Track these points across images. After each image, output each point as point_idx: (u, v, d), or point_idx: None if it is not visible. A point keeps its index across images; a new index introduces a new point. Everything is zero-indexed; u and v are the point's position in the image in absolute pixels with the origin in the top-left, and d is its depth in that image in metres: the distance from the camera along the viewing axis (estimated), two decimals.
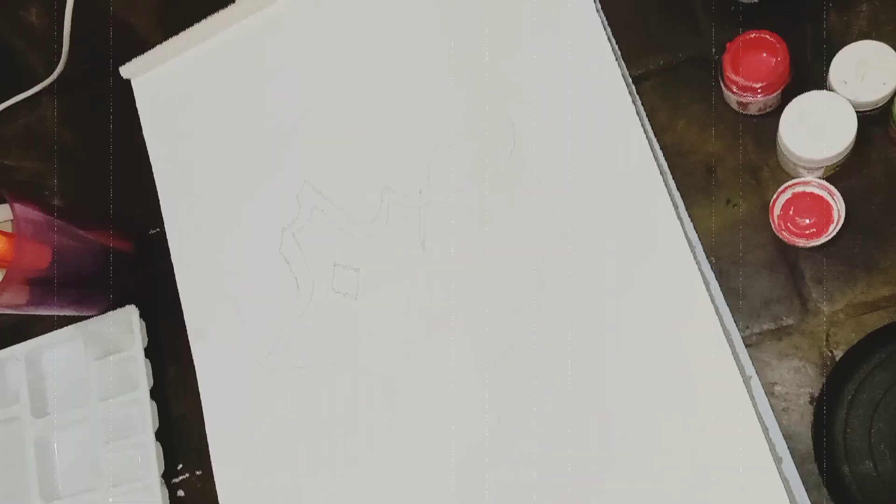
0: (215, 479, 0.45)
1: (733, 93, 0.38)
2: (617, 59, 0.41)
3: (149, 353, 0.48)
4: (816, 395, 0.36)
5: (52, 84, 0.54)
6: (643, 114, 0.41)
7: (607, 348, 0.39)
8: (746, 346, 0.38)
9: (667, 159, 0.40)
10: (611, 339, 0.39)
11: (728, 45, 0.37)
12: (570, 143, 0.42)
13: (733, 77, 0.37)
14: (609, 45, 0.41)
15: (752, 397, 0.36)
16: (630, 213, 0.39)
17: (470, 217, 0.43)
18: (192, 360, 0.47)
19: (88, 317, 0.49)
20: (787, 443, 0.36)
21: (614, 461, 0.38)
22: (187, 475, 0.47)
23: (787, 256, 0.38)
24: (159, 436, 0.46)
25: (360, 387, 0.44)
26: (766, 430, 0.36)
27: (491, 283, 0.42)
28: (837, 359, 0.36)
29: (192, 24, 0.51)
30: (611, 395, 0.39)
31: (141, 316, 0.48)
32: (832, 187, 0.36)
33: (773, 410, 0.37)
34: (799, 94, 0.35)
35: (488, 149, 0.43)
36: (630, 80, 0.41)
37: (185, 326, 0.47)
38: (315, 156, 0.47)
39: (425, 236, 0.43)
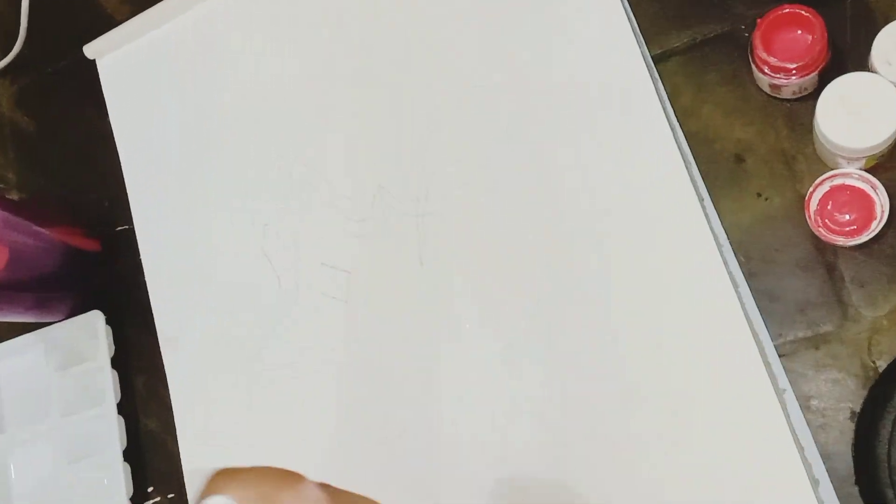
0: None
1: (765, 74, 0.36)
2: (636, 37, 0.39)
3: (116, 362, 0.46)
4: (857, 410, 0.34)
5: (8, 66, 0.53)
6: (665, 97, 0.39)
7: (626, 361, 0.37)
8: (780, 355, 0.36)
9: (691, 147, 0.39)
10: (630, 350, 0.37)
11: (759, 20, 0.35)
12: (583, 130, 0.40)
13: (765, 56, 0.35)
14: (627, 20, 0.39)
15: (786, 413, 0.35)
16: (651, 208, 0.38)
17: (474, 228, 0.41)
18: (163, 371, 0.46)
19: (49, 323, 0.48)
20: (824, 463, 0.34)
21: (636, 479, 0.36)
22: (158, 499, 0.45)
23: (825, 256, 0.36)
24: (127, 455, 0.45)
25: (350, 395, 0.42)
26: (801, 449, 0.35)
27: (496, 293, 0.40)
28: (881, 370, 0.35)
29: None
30: (631, 413, 0.37)
31: (107, 322, 0.46)
32: (875, 179, 0.34)
33: (809, 427, 0.35)
34: (838, 75, 0.34)
35: (494, 147, 0.41)
36: (651, 60, 0.40)
37: (155, 333, 0.46)
38: (301, 144, 0.45)
39: (423, 251, 0.41)
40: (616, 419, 0.37)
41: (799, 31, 0.35)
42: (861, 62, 0.36)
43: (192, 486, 0.43)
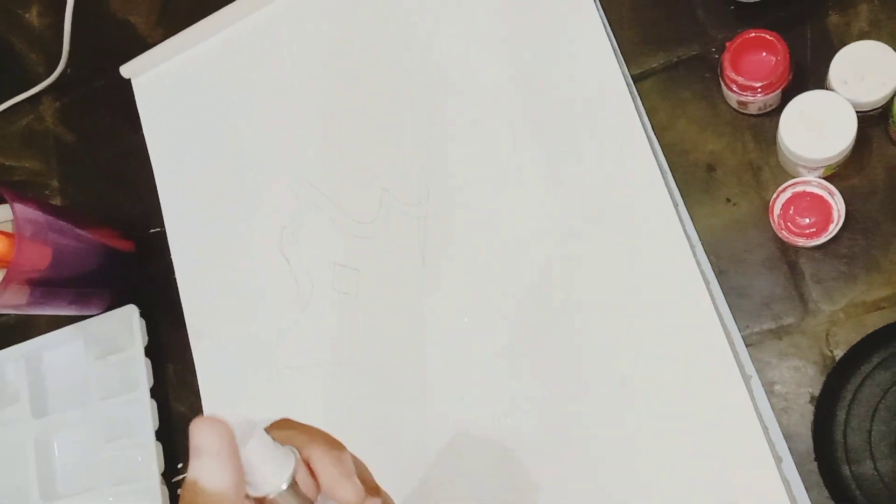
0: None
1: (733, 92, 0.37)
2: (617, 58, 0.41)
3: (149, 352, 0.47)
4: (817, 394, 0.36)
5: (52, 84, 0.54)
6: (643, 113, 0.41)
7: (607, 348, 0.39)
8: (747, 345, 0.38)
9: (667, 158, 0.40)
10: (611, 338, 0.39)
11: (728, 44, 0.37)
12: (570, 142, 0.41)
13: (733, 76, 0.37)
14: (609, 43, 0.41)
15: (752, 397, 0.36)
16: (630, 212, 0.39)
17: (469, 228, 0.43)
18: (192, 360, 0.47)
19: (88, 316, 0.49)
20: (787, 442, 0.36)
21: (612, 461, 0.38)
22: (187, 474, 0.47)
23: (788, 256, 0.38)
24: (159, 435, 0.46)
25: (361, 386, 0.44)
26: (766, 429, 0.36)
27: (491, 289, 0.42)
28: (837, 358, 0.36)
29: (192, 24, 0.50)
30: (610, 394, 0.39)
31: (141, 315, 0.48)
32: (832, 187, 0.36)
33: (773, 410, 0.36)
34: (799, 93, 0.35)
35: (488, 151, 0.43)
36: (630, 80, 0.41)
37: (185, 325, 0.48)
38: (315, 154, 0.47)
39: (425, 251, 0.43)
40: (597, 405, 0.38)
41: (764, 53, 0.37)
42: (820, 81, 0.37)
43: None
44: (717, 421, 0.36)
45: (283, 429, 0.26)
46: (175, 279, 0.48)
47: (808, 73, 0.38)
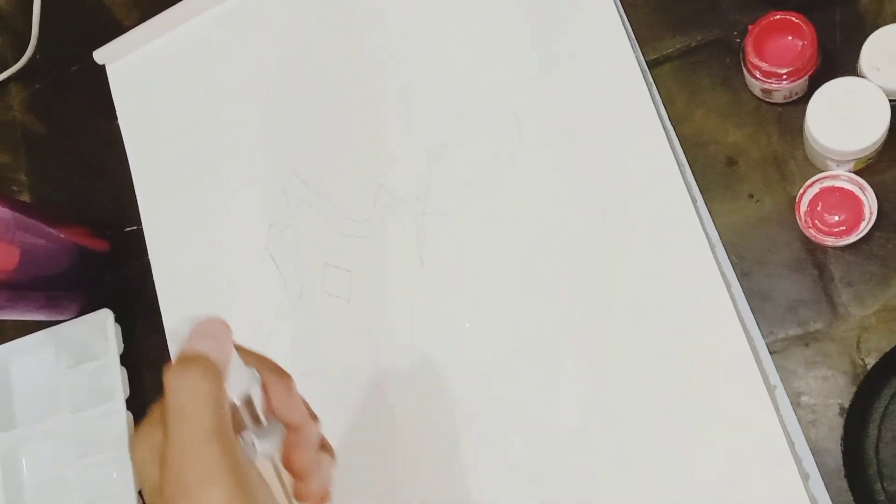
0: None
1: (756, 79, 0.36)
2: (631, 42, 0.39)
3: (125, 359, 0.46)
4: (847, 406, 0.35)
5: (20, 70, 0.54)
6: (659, 102, 0.39)
7: (619, 355, 0.38)
8: (771, 353, 0.36)
9: (684, 151, 0.39)
10: (623, 344, 0.38)
11: (751, 27, 0.36)
12: (579, 133, 0.40)
13: (756, 62, 0.35)
14: (622, 26, 0.40)
15: (776, 409, 0.35)
16: (645, 210, 0.38)
17: (472, 227, 0.41)
18: None
19: (60, 321, 0.48)
20: (814, 458, 0.35)
21: (625, 476, 0.37)
22: None
23: (815, 256, 0.36)
24: None
25: (354, 395, 0.42)
26: (791, 443, 0.35)
27: (496, 292, 0.40)
28: (869, 367, 0.35)
29: (171, 5, 0.49)
30: (622, 404, 0.37)
31: (116, 320, 0.47)
32: (863, 181, 0.34)
33: (799, 423, 0.35)
34: (827, 80, 0.34)
35: (491, 144, 0.41)
36: (645, 65, 0.40)
37: (163, 331, 0.46)
38: (303, 146, 0.46)
39: (423, 251, 0.42)
40: (612, 415, 0.37)
41: (790, 37, 0.36)
42: (850, 67, 0.36)
43: None
44: (740, 434, 0.35)
45: (237, 351, 0.27)
46: (153, 281, 0.47)
47: (837, 59, 0.37)
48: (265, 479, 0.25)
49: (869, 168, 0.36)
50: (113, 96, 0.50)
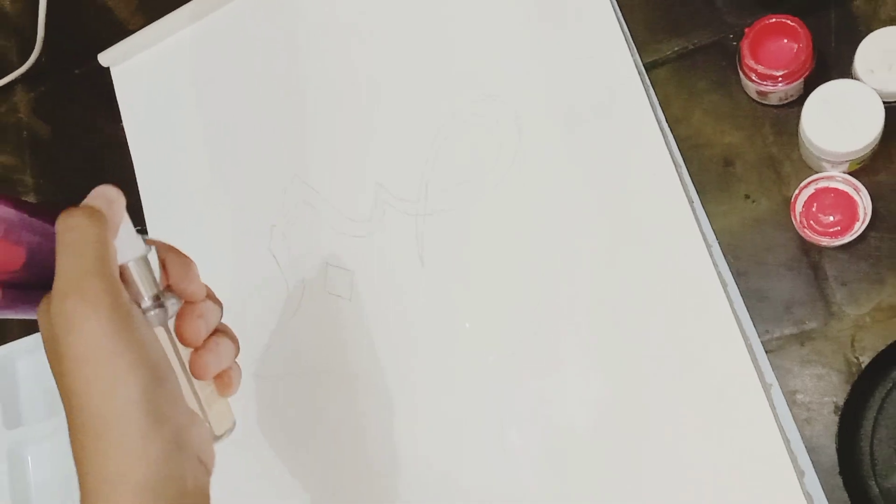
0: None
1: (752, 81, 0.36)
2: (628, 45, 0.40)
3: None
4: (841, 404, 0.35)
5: (26, 73, 0.54)
6: (656, 104, 0.39)
7: (617, 355, 0.38)
8: (767, 351, 0.36)
9: (681, 152, 0.39)
10: (621, 344, 0.38)
11: (747, 30, 0.36)
12: (577, 134, 0.40)
13: (752, 64, 0.36)
14: (620, 29, 0.40)
15: (772, 406, 0.35)
16: (643, 210, 0.38)
17: (472, 228, 0.41)
18: None
19: None
20: (809, 455, 0.35)
21: (623, 473, 0.37)
22: None
23: (810, 256, 0.36)
24: None
25: (355, 393, 0.42)
26: (787, 441, 0.35)
27: (495, 292, 0.40)
28: (863, 365, 0.35)
29: (175, 9, 0.49)
30: (620, 403, 0.37)
31: None
32: (858, 182, 0.34)
33: (794, 420, 0.35)
34: (822, 82, 0.34)
35: (490, 145, 0.42)
36: (643, 68, 0.40)
37: None
38: (305, 148, 0.46)
39: (423, 251, 0.42)
40: (609, 413, 0.37)
41: (785, 40, 0.36)
42: (845, 70, 0.36)
43: None
44: (736, 432, 0.35)
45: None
46: None
47: (832, 62, 0.37)
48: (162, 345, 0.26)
49: (863, 169, 0.36)
50: (117, 99, 0.50)
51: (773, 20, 0.36)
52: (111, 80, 0.51)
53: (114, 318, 0.23)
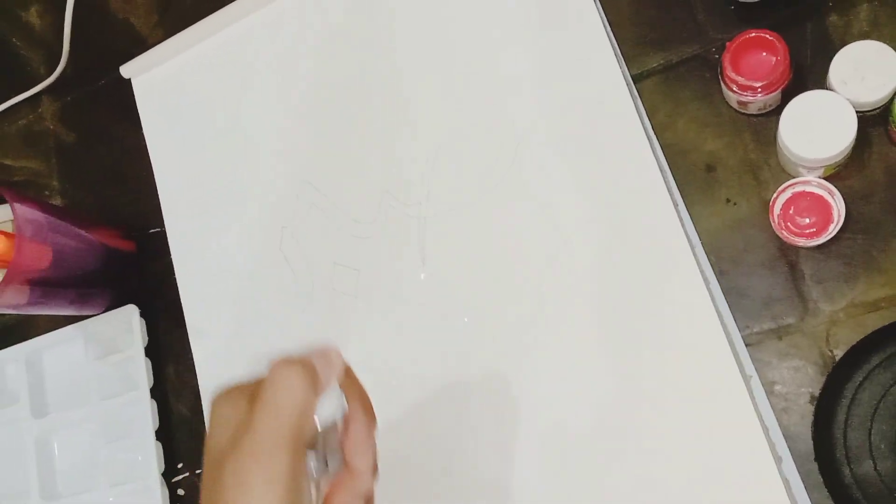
0: None
1: (733, 92, 0.37)
2: (617, 58, 0.41)
3: (149, 352, 0.48)
4: (817, 394, 0.36)
5: (52, 84, 0.55)
6: (643, 112, 0.41)
7: (606, 349, 0.39)
8: (747, 345, 0.38)
9: (667, 158, 0.40)
10: (610, 339, 0.39)
11: (728, 44, 0.37)
12: (570, 142, 0.41)
13: (733, 76, 0.37)
14: (609, 43, 0.41)
15: (752, 397, 0.36)
16: (630, 212, 0.39)
17: (470, 229, 0.43)
18: (192, 359, 0.47)
19: (88, 316, 0.49)
20: (787, 442, 0.36)
21: (611, 461, 0.38)
22: (187, 474, 0.47)
23: (788, 256, 0.38)
24: (159, 435, 0.46)
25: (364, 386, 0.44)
26: (766, 429, 0.36)
27: (492, 289, 0.42)
28: (837, 358, 0.36)
29: (193, 23, 0.51)
30: (609, 395, 0.39)
31: (141, 315, 0.48)
32: (832, 187, 0.36)
33: (773, 410, 0.36)
34: (799, 93, 0.35)
35: (488, 151, 0.43)
36: (630, 79, 0.41)
37: (185, 325, 0.48)
38: (315, 155, 0.47)
39: (425, 252, 0.43)
40: (596, 405, 0.38)
41: (764, 53, 0.37)
42: (820, 81, 0.37)
43: None
44: (717, 421, 0.36)
45: (352, 378, 0.28)
46: (175, 279, 0.48)
47: (808, 73, 0.38)
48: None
49: (837, 174, 0.37)
50: (138, 108, 0.51)
51: (753, 34, 0.37)
52: (132, 91, 0.52)
53: (286, 499, 0.23)
